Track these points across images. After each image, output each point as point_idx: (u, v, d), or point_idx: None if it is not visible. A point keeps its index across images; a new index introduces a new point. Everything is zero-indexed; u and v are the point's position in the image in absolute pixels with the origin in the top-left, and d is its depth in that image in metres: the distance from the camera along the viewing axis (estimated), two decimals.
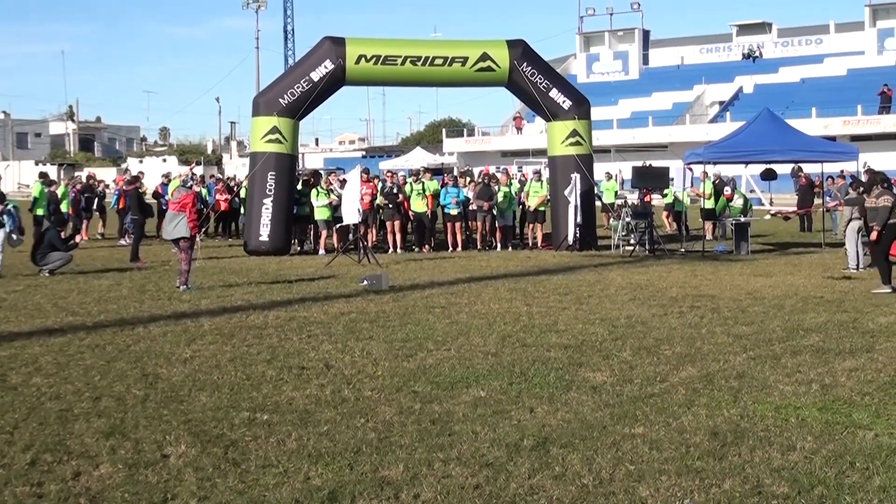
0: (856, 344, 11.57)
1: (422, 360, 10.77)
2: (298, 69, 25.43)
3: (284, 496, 6.40)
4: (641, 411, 8.48)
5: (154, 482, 6.70)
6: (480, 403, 8.80)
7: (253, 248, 24.19)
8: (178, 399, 9.06)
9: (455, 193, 26.71)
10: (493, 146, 74.91)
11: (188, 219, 16.74)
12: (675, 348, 11.38)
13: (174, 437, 7.74)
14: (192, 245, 16.99)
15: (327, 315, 14.09)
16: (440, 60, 24.80)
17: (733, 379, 9.73)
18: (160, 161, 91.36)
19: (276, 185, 24.17)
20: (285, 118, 24.35)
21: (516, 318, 13.77)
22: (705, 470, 6.86)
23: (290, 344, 11.85)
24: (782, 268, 20.56)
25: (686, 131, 65.87)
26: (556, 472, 6.85)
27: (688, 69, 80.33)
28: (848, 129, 58.67)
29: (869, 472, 6.77)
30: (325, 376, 10.02)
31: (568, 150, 25.60)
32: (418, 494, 6.42)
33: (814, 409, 8.51)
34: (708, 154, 24.84)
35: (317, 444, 7.56)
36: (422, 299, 15.71)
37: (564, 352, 11.18)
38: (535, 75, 25.25)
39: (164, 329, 12.89)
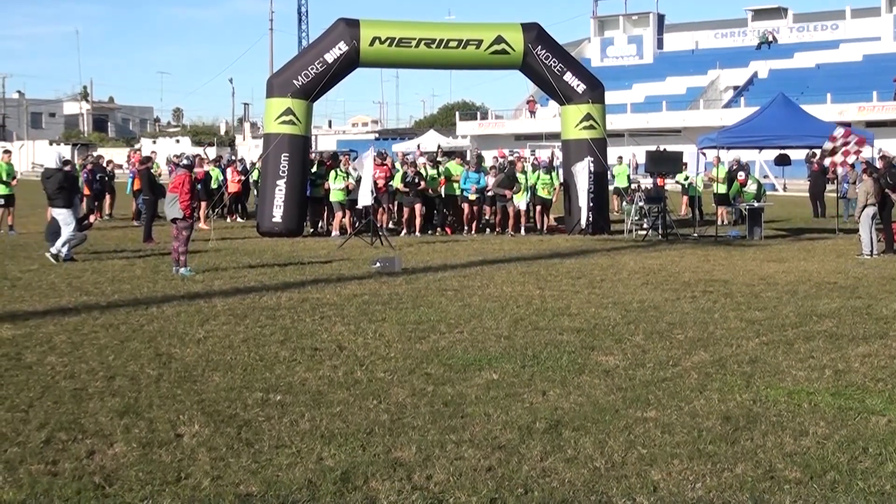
0: (869, 330, 11.54)
1: (434, 343, 10.79)
2: (312, 51, 25.38)
3: (297, 476, 6.42)
4: (654, 395, 8.49)
5: (168, 461, 6.74)
6: (493, 386, 8.81)
7: (266, 229, 24.21)
8: (192, 379, 9.10)
9: (475, 179, 26.11)
10: (507, 130, 74.80)
11: (180, 200, 16.71)
12: (687, 333, 11.37)
13: (188, 417, 7.78)
14: (190, 227, 16.82)
15: (340, 297, 14.11)
16: (454, 43, 24.72)
17: (746, 364, 9.73)
18: (173, 142, 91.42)
19: (289, 167, 24.15)
20: (299, 100, 24.33)
21: (529, 301, 13.77)
22: (717, 454, 6.87)
23: (303, 325, 11.87)
24: (795, 253, 20.51)
25: (700, 116, 65.67)
26: (568, 454, 6.87)
27: (702, 54, 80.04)
28: (863, 115, 58.36)
29: (882, 458, 6.77)
30: (338, 357, 10.04)
31: (581, 133, 25.54)
32: (430, 476, 6.44)
33: (827, 394, 8.51)
34: (721, 139, 24.77)
35: (329, 424, 7.58)
36: (434, 282, 15.72)
37: (577, 335, 11.18)
38: (549, 59, 25.17)
39: (178, 309, 12.93)
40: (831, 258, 19.54)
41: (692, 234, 25.51)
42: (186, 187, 16.70)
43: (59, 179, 18.40)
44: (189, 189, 16.74)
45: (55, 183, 18.33)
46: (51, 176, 18.57)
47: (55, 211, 18.49)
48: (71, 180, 19.45)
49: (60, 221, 18.24)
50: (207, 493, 6.15)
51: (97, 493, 6.15)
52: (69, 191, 18.66)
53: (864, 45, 71.00)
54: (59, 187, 18.28)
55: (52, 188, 18.36)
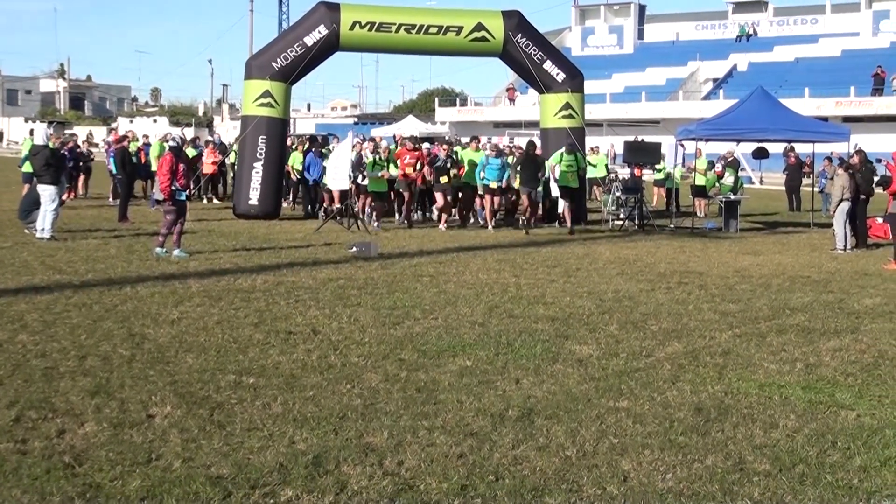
0: (841, 324, 11.62)
1: (409, 329, 10.79)
2: (292, 33, 25.29)
3: (269, 460, 6.41)
4: (626, 385, 8.52)
5: (139, 442, 6.71)
6: (466, 373, 8.82)
7: (242, 211, 24.13)
8: (165, 360, 9.07)
9: (497, 166, 23.24)
10: (486, 117, 74.78)
11: (160, 182, 16.57)
12: (661, 324, 11.41)
13: (160, 398, 7.75)
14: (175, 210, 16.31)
15: (315, 280, 14.09)
16: (435, 29, 24.68)
17: (719, 356, 9.77)
18: (151, 121, 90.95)
19: (266, 149, 24.07)
20: (278, 82, 24.24)
21: (504, 288, 13.79)
22: (688, 445, 6.90)
23: (278, 308, 11.85)
24: (770, 247, 20.61)
25: (679, 107, 65.83)
26: (539, 443, 6.88)
27: (683, 45, 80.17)
28: (840, 109, 58.67)
29: (850, 452, 6.82)
30: (312, 341, 10.03)
31: (560, 122, 25.56)
32: (402, 461, 6.45)
33: (797, 387, 8.56)
34: (700, 131, 24.83)
35: (302, 408, 7.57)
36: (410, 268, 15.72)
37: (551, 324, 11.21)
38: (529, 47, 25.15)
39: (152, 290, 12.88)
40: (805, 252, 19.65)
41: (669, 225, 25.58)
42: (165, 168, 16.32)
43: (46, 156, 18.24)
44: (168, 170, 16.33)
45: (41, 160, 18.18)
46: (37, 153, 18.44)
47: (41, 188, 18.32)
48: (58, 157, 19.30)
49: (46, 199, 18.10)
50: (178, 474, 6.13)
51: (67, 472, 6.13)
52: (56, 168, 18.52)
53: (843, 40, 71.31)
54: (46, 164, 18.13)
55: (39, 165, 18.23)
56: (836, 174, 20.56)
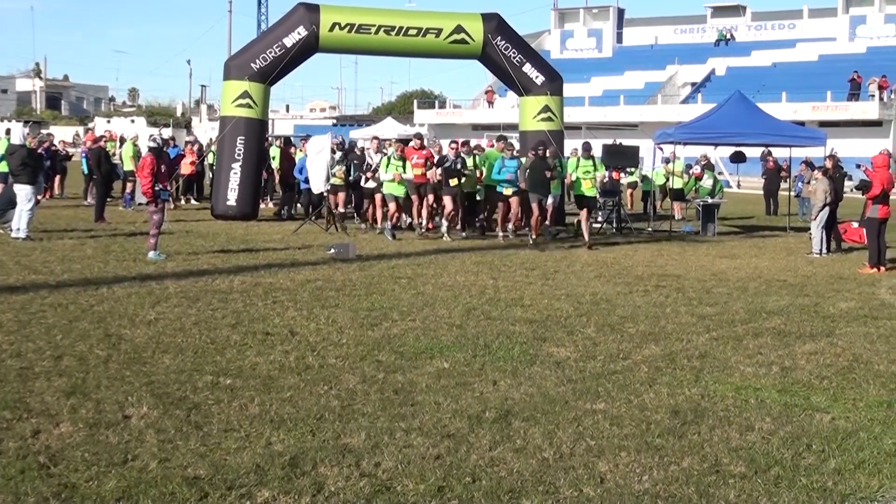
0: (816, 328, 11.68)
1: (386, 330, 10.79)
2: (271, 34, 25.24)
3: (246, 461, 6.40)
4: (604, 388, 8.54)
5: (115, 442, 6.69)
6: (444, 375, 8.83)
7: (220, 212, 24.05)
8: (142, 361, 9.03)
9: (514, 168, 21.16)
10: (465, 119, 74.68)
11: (141, 184, 16.45)
12: (638, 326, 11.44)
13: (136, 399, 7.72)
14: (157, 210, 16.13)
15: (293, 282, 14.07)
16: (414, 31, 24.66)
17: (695, 358, 9.81)
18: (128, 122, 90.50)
19: (245, 150, 24.00)
20: (256, 83, 24.18)
21: (482, 291, 13.80)
22: (665, 447, 6.92)
23: (255, 309, 11.82)
24: (747, 250, 20.69)
25: (657, 111, 65.93)
26: (517, 444, 6.89)
27: (661, 49, 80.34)
28: (817, 114, 58.86)
29: (825, 455, 6.86)
30: (290, 343, 10.02)
31: (539, 125, 25.55)
32: (379, 463, 6.44)
33: (773, 390, 8.60)
34: (678, 135, 24.90)
35: (279, 409, 7.56)
36: (388, 269, 15.71)
37: (529, 326, 11.22)
38: (508, 49, 25.15)
39: (129, 290, 12.83)
40: (782, 256, 19.74)
41: (646, 228, 25.65)
42: (146, 171, 16.17)
43: (23, 156, 18.14)
44: (149, 172, 16.09)
45: (18, 159, 18.09)
46: (14, 152, 18.34)
47: (17, 187, 18.21)
48: (35, 157, 19.19)
49: (22, 198, 17.99)
50: (154, 475, 6.11)
51: (42, 472, 6.10)
52: (33, 168, 18.42)
53: (820, 45, 71.60)
54: (23, 164, 18.04)
55: (15, 164, 18.13)
56: (815, 179, 20.64)
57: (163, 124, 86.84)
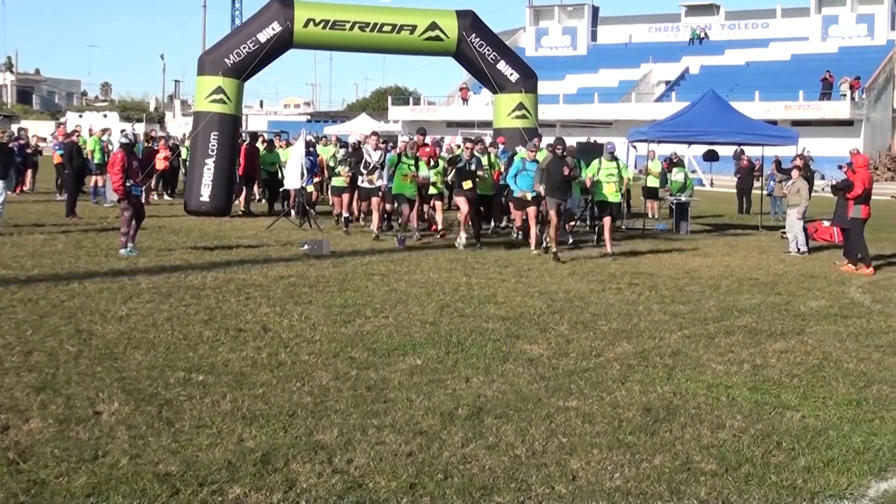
0: (787, 326, 11.75)
1: (360, 327, 10.78)
2: (245, 30, 25.13)
3: (217, 457, 6.38)
4: (576, 385, 8.56)
5: (85, 438, 6.65)
6: (416, 372, 8.83)
7: (193, 208, 23.96)
8: (113, 356, 8.99)
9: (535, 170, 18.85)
10: (439, 116, 74.66)
11: (112, 181, 16.33)
12: (611, 324, 11.48)
13: (107, 395, 7.69)
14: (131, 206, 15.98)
15: (266, 278, 14.03)
16: (389, 28, 24.64)
17: (668, 356, 9.85)
18: (101, 116, 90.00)
19: (218, 146, 23.91)
20: (230, 78, 24.08)
21: (455, 288, 13.80)
22: (636, 445, 6.95)
23: (228, 305, 11.79)
24: (720, 248, 20.77)
25: (631, 109, 66.09)
26: (489, 441, 6.90)
27: (635, 47, 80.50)
28: (789, 113, 59.13)
29: (794, 453, 6.90)
30: (262, 339, 9.99)
31: (514, 122, 25.60)
32: (351, 460, 6.44)
33: (744, 388, 8.64)
34: (652, 133, 24.98)
35: (252, 406, 7.54)
36: (362, 266, 15.69)
37: (502, 323, 11.24)
38: (483, 47, 25.17)
39: (100, 286, 12.76)
40: (754, 254, 19.84)
41: (620, 226, 25.69)
42: (117, 167, 15.93)
43: None
44: (120, 169, 15.86)
45: None
46: None
47: None
48: (6, 152, 19.04)
49: None
50: (125, 471, 6.08)
51: (11, 468, 6.06)
52: (4, 163, 18.27)
53: (793, 44, 71.92)
54: None
55: None
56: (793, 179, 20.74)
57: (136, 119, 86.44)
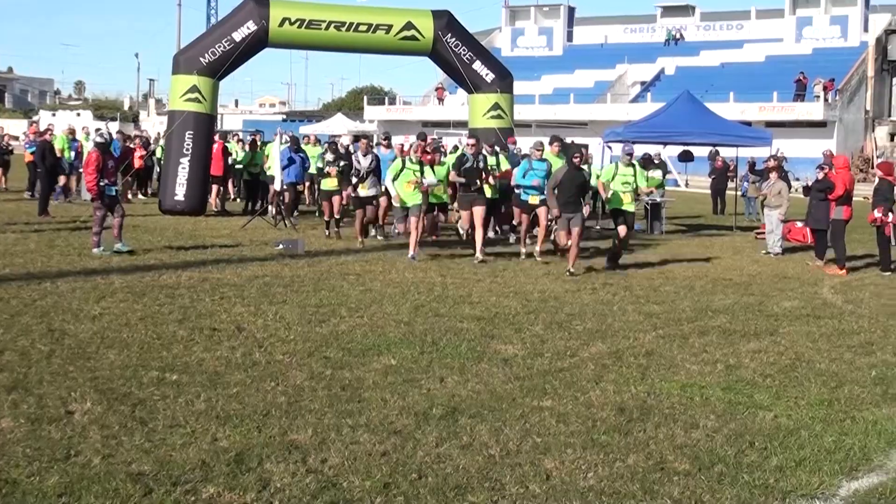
0: (760, 326, 11.80)
1: (334, 326, 10.76)
2: (220, 28, 25.05)
3: (191, 456, 6.36)
4: (550, 385, 8.58)
5: (57, 438, 6.62)
6: (391, 371, 8.83)
7: (168, 207, 23.89)
8: (85, 356, 8.94)
9: (542, 172, 17.56)
10: (415, 116, 74.63)
11: (86, 180, 16.24)
12: (586, 324, 11.50)
13: (79, 394, 7.65)
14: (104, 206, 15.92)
15: (241, 277, 14.00)
16: (364, 27, 24.62)
17: (642, 356, 9.88)
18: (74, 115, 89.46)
19: (193, 145, 23.85)
20: (205, 77, 24.01)
21: (430, 288, 13.80)
22: (610, 444, 6.97)
23: (203, 305, 11.75)
24: (694, 249, 20.85)
25: (607, 110, 66.24)
26: (463, 441, 6.91)
27: (611, 48, 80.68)
28: (763, 114, 59.39)
29: (767, 452, 6.93)
30: (237, 339, 9.97)
31: (489, 122, 25.61)
32: (326, 459, 6.43)
33: (718, 388, 8.68)
34: (627, 133, 25.05)
35: (226, 405, 7.52)
36: (337, 266, 15.68)
37: (477, 323, 11.24)
38: (458, 47, 25.18)
39: (73, 285, 12.69)
40: (728, 254, 19.92)
41: (594, 227, 25.75)
42: (91, 167, 15.87)
43: None
44: (94, 169, 15.77)
45: None
46: None
47: None
48: None
49: None
50: (98, 470, 6.05)
51: None
52: None
53: (767, 45, 72.25)
54: None
55: None
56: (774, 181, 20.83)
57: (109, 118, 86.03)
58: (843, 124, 61.55)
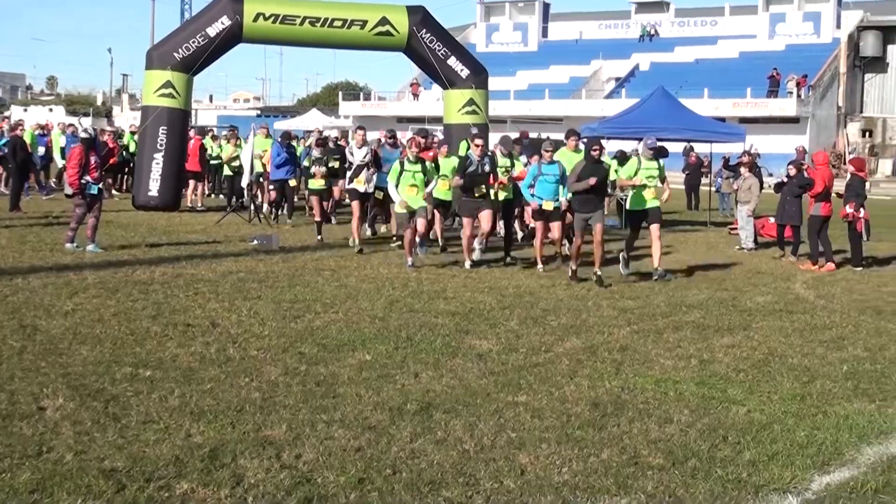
0: (734, 321, 11.86)
1: (309, 322, 10.75)
2: (195, 24, 24.95)
3: (165, 452, 6.33)
4: (525, 380, 8.59)
5: (29, 434, 6.58)
6: (366, 367, 8.82)
7: (141, 202, 23.78)
8: (58, 352, 8.90)
9: (555, 176, 15.55)
10: (390, 111, 74.60)
11: (67, 175, 16.17)
12: (561, 319, 11.53)
13: (51, 390, 7.61)
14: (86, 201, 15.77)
15: (215, 273, 13.95)
16: (339, 22, 24.56)
17: (616, 351, 9.90)
18: (46, 110, 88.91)
19: (167, 140, 23.75)
20: (179, 73, 23.91)
21: (405, 283, 13.80)
22: (585, 439, 6.98)
23: (177, 301, 11.71)
24: (668, 244, 20.88)
25: (582, 106, 66.35)
26: (438, 436, 6.91)
27: (586, 44, 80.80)
28: (737, 110, 59.66)
29: (740, 447, 6.96)
30: (211, 334, 9.94)
31: (464, 118, 25.57)
32: (300, 455, 6.42)
33: (692, 383, 8.71)
34: (602, 129, 25.14)
35: (200, 401, 7.50)
36: (312, 261, 15.65)
37: (452, 319, 11.25)
38: (433, 42, 25.16)
39: (45, 281, 12.62)
40: (702, 250, 20.01)
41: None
42: (73, 162, 15.75)
43: None
44: (76, 164, 15.65)
45: None
46: None
47: None
48: None
49: None
50: (70, 466, 6.02)
51: None
52: None
53: (741, 42, 72.55)
54: None
55: None
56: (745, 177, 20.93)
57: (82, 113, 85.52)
58: (816, 120, 61.87)
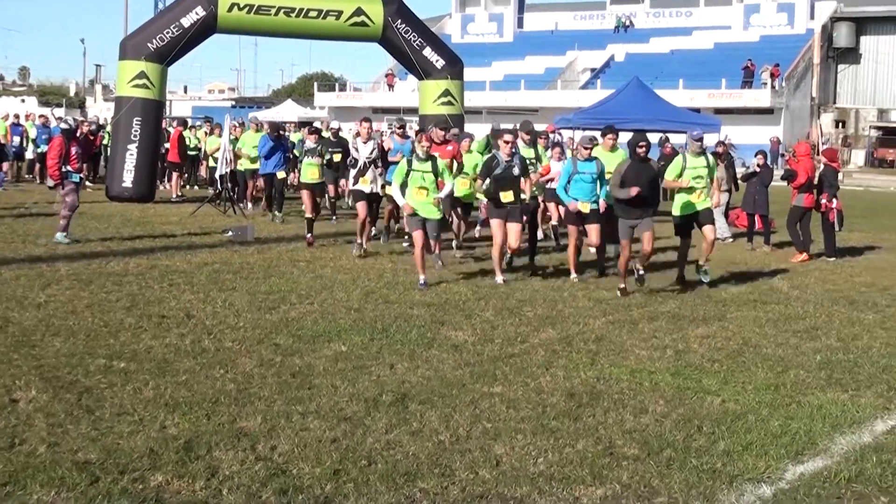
0: (709, 312, 11.89)
1: (284, 313, 10.72)
2: (169, 14, 24.81)
3: (139, 444, 6.31)
4: (501, 371, 8.59)
5: (1, 426, 6.55)
6: (341, 358, 8.81)
7: (115, 193, 23.66)
8: (30, 344, 8.84)
9: (591, 175, 13.87)
10: (365, 102, 74.45)
11: (48, 166, 16.09)
12: (536, 310, 11.54)
13: (24, 382, 7.56)
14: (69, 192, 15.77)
15: (190, 264, 13.90)
16: (314, 13, 24.49)
17: (592, 342, 9.92)
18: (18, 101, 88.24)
19: (141, 131, 23.63)
20: (153, 63, 23.77)
21: (381, 274, 13.78)
22: (560, 430, 6.99)
23: (151, 292, 11.66)
24: None
25: (557, 96, 66.38)
26: (413, 427, 6.91)
27: (561, 35, 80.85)
28: (712, 101, 59.82)
29: (715, 437, 6.99)
30: (186, 326, 9.90)
31: (439, 109, 25.55)
32: (275, 446, 6.41)
33: (667, 373, 8.74)
34: (577, 120, 25.19)
35: (174, 393, 7.47)
36: (287, 252, 15.61)
37: (427, 309, 11.24)
38: (409, 33, 25.12)
39: (17, 272, 12.54)
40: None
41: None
42: (54, 152, 15.70)
43: None
44: (57, 154, 15.60)
45: None
46: None
47: None
48: None
49: None
50: (43, 459, 5.99)
51: None
52: None
53: (716, 33, 72.72)
54: None
55: None
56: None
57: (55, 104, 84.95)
58: (790, 111, 62.11)
